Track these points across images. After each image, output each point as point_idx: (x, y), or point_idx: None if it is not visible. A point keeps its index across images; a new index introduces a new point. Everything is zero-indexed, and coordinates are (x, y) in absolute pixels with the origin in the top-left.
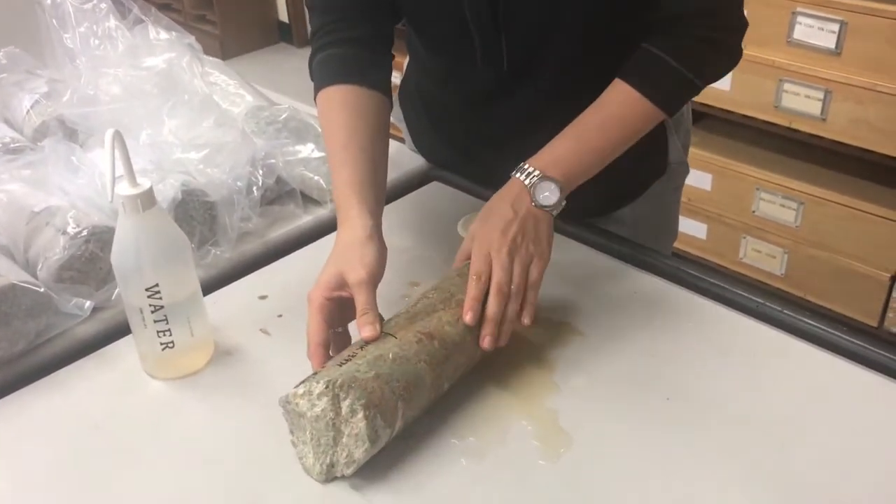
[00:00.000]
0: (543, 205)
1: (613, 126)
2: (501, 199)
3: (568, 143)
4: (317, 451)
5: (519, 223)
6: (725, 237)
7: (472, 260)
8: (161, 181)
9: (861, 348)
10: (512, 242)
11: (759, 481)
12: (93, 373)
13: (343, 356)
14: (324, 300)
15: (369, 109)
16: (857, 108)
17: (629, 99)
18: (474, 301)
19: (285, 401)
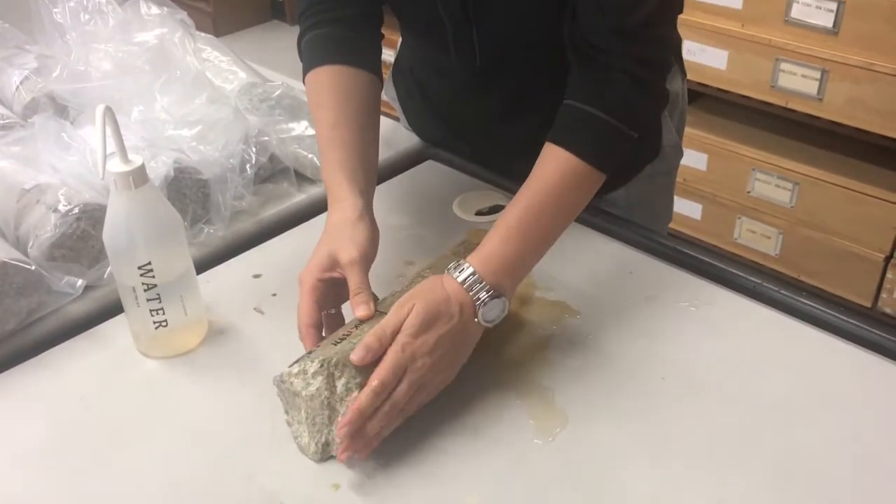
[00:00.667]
0: (485, 323)
1: (551, 204)
2: (450, 298)
3: (508, 238)
4: (312, 430)
5: (450, 340)
6: (720, 217)
7: (385, 366)
8: (153, 158)
9: (856, 328)
10: (433, 365)
11: (755, 460)
12: (85, 352)
13: (337, 335)
14: (315, 281)
15: (358, 89)
16: (854, 87)
17: (567, 167)
18: (359, 414)
19: (280, 380)
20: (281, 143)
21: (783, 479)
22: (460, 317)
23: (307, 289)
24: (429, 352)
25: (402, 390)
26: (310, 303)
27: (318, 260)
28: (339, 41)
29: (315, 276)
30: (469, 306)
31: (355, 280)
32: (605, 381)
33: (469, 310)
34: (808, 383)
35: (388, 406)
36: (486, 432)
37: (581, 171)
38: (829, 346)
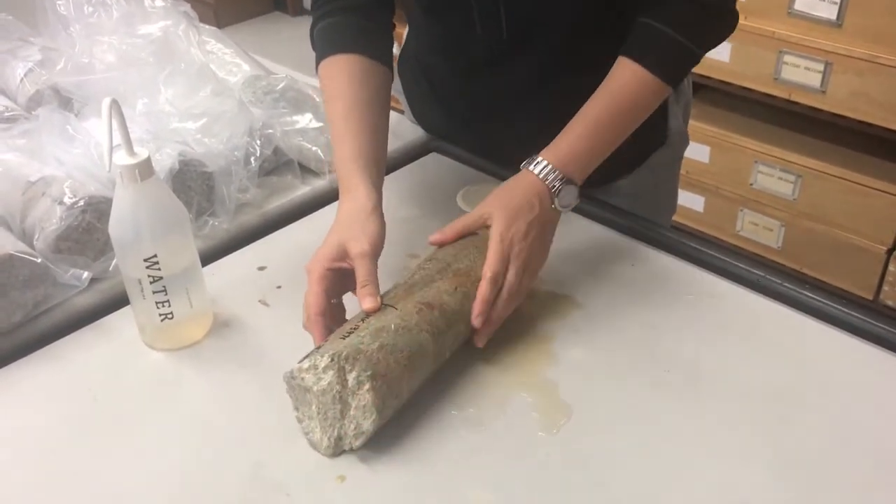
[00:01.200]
0: (562, 208)
1: (625, 109)
2: (525, 193)
3: (584, 135)
4: (324, 424)
5: (539, 226)
6: (723, 210)
7: (492, 258)
8: (158, 151)
9: (860, 321)
10: (530, 247)
11: (758, 452)
12: (91, 344)
13: (345, 329)
14: (324, 270)
15: (371, 79)
16: (857, 80)
17: (637, 77)
18: (486, 304)
19: (290, 376)
20: (285, 136)
21: (787, 469)
22: (540, 205)
23: (316, 277)
24: (524, 237)
25: (511, 275)
26: (318, 291)
27: (327, 249)
28: (353, 30)
29: (324, 266)
30: (546, 194)
31: (364, 272)
32: (608, 373)
33: (546, 197)
34: (813, 376)
35: (506, 293)
36: (490, 425)
37: (652, 85)
38: (832, 339)
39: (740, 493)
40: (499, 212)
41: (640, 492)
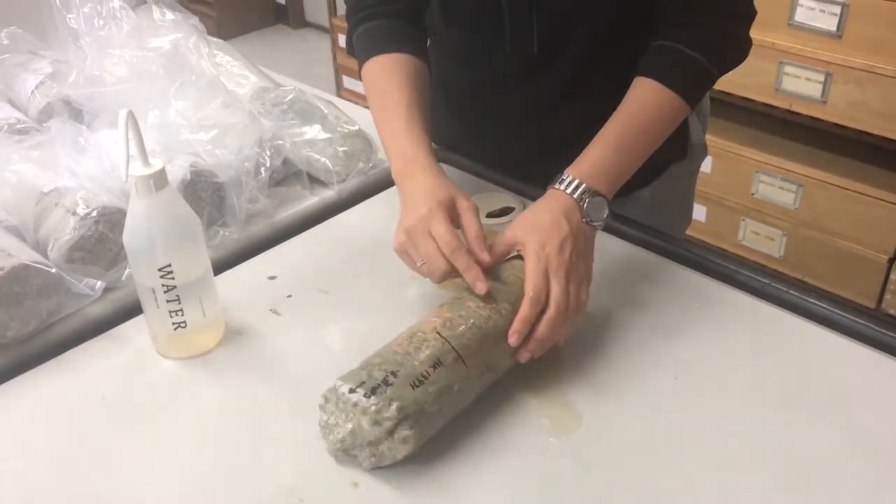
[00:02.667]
0: (594, 222)
1: (647, 128)
2: (552, 211)
3: (608, 151)
4: (345, 435)
5: (573, 240)
6: (725, 219)
7: (532, 278)
8: (169, 162)
9: (865, 327)
10: (569, 261)
11: (767, 458)
12: (104, 352)
13: (416, 373)
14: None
15: (419, 74)
16: (857, 90)
17: (658, 96)
18: (525, 324)
19: (351, 402)
20: (294, 147)
21: (794, 476)
22: (569, 222)
23: (443, 218)
24: (559, 251)
25: (556, 290)
26: (451, 227)
27: (443, 200)
28: (396, 31)
29: (446, 212)
30: (574, 209)
31: (476, 225)
32: (618, 380)
33: (575, 212)
34: (819, 383)
35: (553, 310)
36: (501, 432)
37: (673, 103)
38: (838, 346)
39: (749, 499)
40: (528, 234)
41: (651, 498)
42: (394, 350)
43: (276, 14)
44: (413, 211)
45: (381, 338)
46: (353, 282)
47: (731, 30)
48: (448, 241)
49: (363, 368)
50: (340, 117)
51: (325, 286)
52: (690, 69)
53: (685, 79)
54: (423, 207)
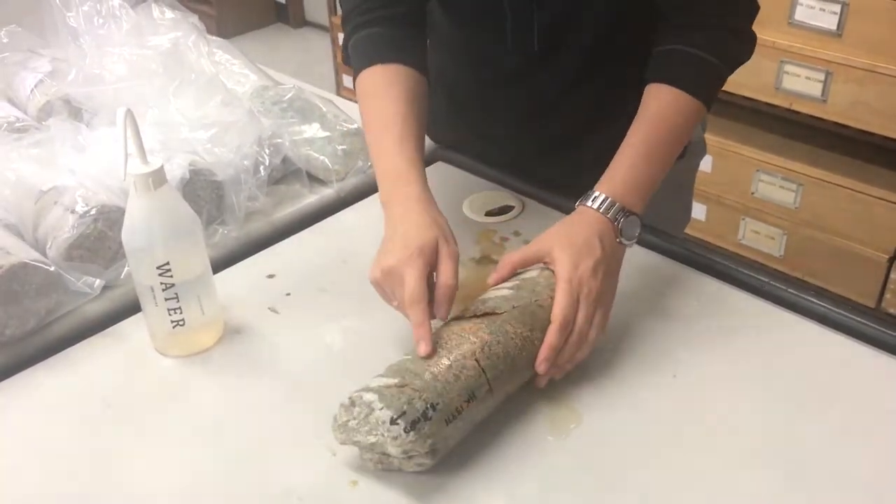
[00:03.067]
0: (627, 242)
1: (669, 133)
2: (586, 230)
3: (637, 163)
4: (363, 442)
5: (606, 263)
6: (725, 219)
7: (560, 302)
8: (168, 160)
9: (864, 326)
10: (599, 287)
11: (765, 455)
12: (103, 351)
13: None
14: (427, 266)
15: (415, 87)
16: (858, 89)
17: (675, 101)
18: (554, 351)
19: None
20: (293, 145)
21: (793, 473)
22: (603, 244)
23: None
24: (592, 275)
25: (582, 316)
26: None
27: (428, 244)
28: (391, 40)
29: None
30: (608, 230)
31: (449, 276)
32: (617, 378)
33: (609, 233)
34: (819, 381)
35: (576, 336)
36: (500, 430)
37: (691, 106)
38: (836, 344)
39: (747, 497)
40: (562, 252)
41: (649, 498)
42: (434, 374)
43: (276, 13)
44: (394, 250)
45: (379, 337)
46: (353, 280)
47: (737, 27)
48: (412, 291)
49: (402, 390)
50: (339, 115)
51: (324, 285)
52: (704, 70)
53: (700, 80)
54: (405, 251)
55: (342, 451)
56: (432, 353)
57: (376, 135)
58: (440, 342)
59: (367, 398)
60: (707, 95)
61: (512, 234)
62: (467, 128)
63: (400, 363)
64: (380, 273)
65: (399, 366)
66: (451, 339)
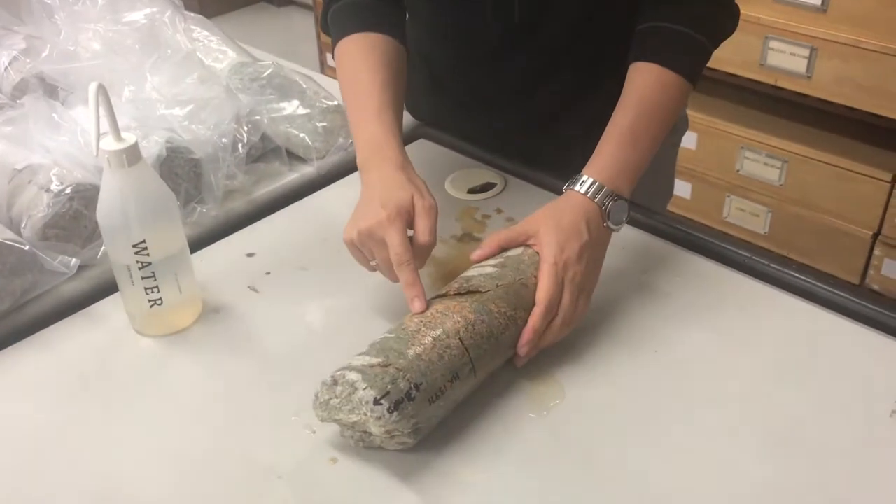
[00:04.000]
0: (614, 227)
1: (657, 113)
2: (573, 214)
3: (624, 145)
4: (344, 420)
5: (591, 247)
6: (710, 196)
7: (545, 285)
8: (145, 138)
9: (847, 301)
10: (584, 272)
11: (747, 430)
12: (80, 331)
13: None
14: (405, 219)
15: (394, 57)
16: (843, 65)
17: (661, 79)
18: (535, 334)
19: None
20: (272, 123)
21: (774, 447)
22: (590, 228)
23: (399, 226)
24: (577, 260)
25: (567, 300)
26: (405, 237)
27: (402, 202)
28: (370, 10)
29: (404, 217)
30: (595, 214)
31: (425, 231)
32: (598, 354)
33: (596, 218)
34: (800, 355)
35: (559, 320)
36: (481, 406)
37: (678, 84)
38: (821, 319)
39: (729, 470)
40: (549, 234)
41: (630, 470)
42: (418, 353)
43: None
44: (371, 210)
45: (360, 315)
46: (333, 259)
47: (727, 2)
48: (399, 253)
49: (386, 370)
50: (319, 92)
51: (304, 263)
52: (688, 47)
53: (686, 58)
54: (383, 210)
55: (322, 430)
56: (426, 310)
57: (355, 102)
58: (423, 320)
59: (350, 377)
60: (691, 72)
61: (494, 212)
62: (448, 104)
63: (383, 341)
64: (356, 234)
65: (382, 344)
66: (436, 317)
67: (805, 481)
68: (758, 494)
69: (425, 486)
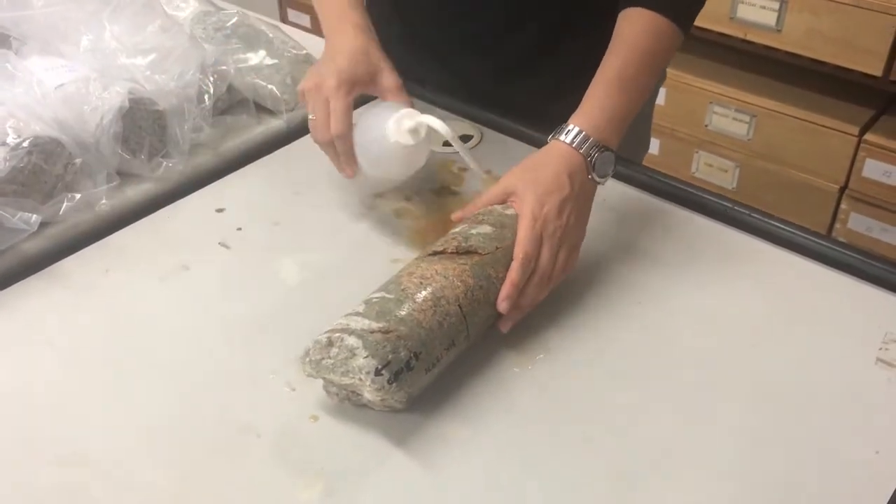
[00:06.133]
0: (600, 179)
1: (646, 60)
2: (556, 166)
3: (612, 93)
4: (336, 382)
5: (574, 201)
6: (678, 152)
7: (523, 238)
8: (105, 89)
9: (828, 249)
10: (565, 225)
11: (731, 382)
12: (44, 290)
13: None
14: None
15: None
16: (813, 18)
17: (651, 25)
18: (515, 288)
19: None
20: (238, 74)
21: (759, 398)
22: (572, 181)
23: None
24: (557, 215)
25: (545, 256)
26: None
27: (358, 73)
28: None
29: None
30: (580, 166)
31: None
32: (581, 307)
33: (580, 170)
34: (782, 304)
35: (538, 276)
36: (465, 361)
37: (668, 31)
38: (801, 267)
39: (714, 422)
40: (527, 188)
41: (614, 425)
42: (418, 320)
43: None
44: (330, 70)
45: (336, 269)
46: (306, 213)
47: None
48: (337, 124)
49: (387, 336)
50: (287, 42)
51: (276, 218)
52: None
53: (675, 3)
54: (334, 77)
55: (301, 387)
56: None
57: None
58: (423, 281)
59: (349, 343)
60: (682, 17)
61: None
62: (422, 56)
63: (382, 302)
64: (312, 85)
65: (381, 306)
66: (436, 279)
67: (792, 432)
68: (742, 447)
69: (409, 442)
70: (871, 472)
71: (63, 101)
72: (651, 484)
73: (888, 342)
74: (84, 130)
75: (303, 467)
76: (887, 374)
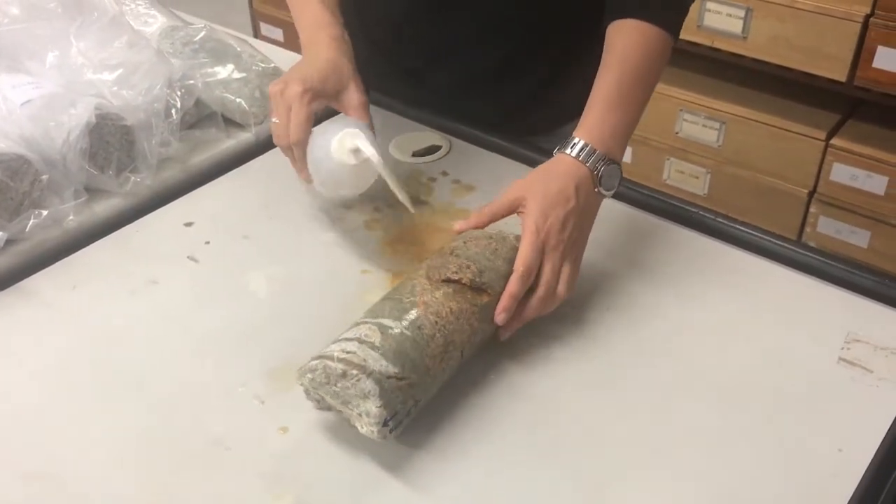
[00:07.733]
0: (606, 192)
1: (642, 71)
2: (563, 179)
3: (614, 106)
4: (334, 397)
5: (578, 214)
6: (649, 159)
7: (525, 250)
8: (72, 105)
9: (792, 252)
10: (568, 239)
11: (700, 382)
12: (11, 308)
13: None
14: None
15: None
16: (778, 25)
17: (642, 35)
18: (513, 300)
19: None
20: (206, 88)
21: (726, 397)
22: (578, 194)
23: (307, 109)
24: (561, 229)
25: (548, 268)
26: (307, 122)
27: (325, 85)
28: None
29: (315, 100)
30: (587, 179)
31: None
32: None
33: (587, 183)
34: (748, 307)
35: (542, 289)
36: None
37: (659, 39)
38: (767, 271)
39: (683, 420)
40: (534, 200)
41: (585, 425)
42: (428, 367)
43: None
44: (297, 77)
45: (305, 283)
46: (275, 227)
47: None
48: (295, 132)
49: (400, 386)
50: (255, 55)
51: (245, 231)
52: (670, 2)
53: (663, 11)
54: (300, 85)
55: (270, 399)
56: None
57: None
58: (439, 321)
59: (365, 386)
60: (672, 25)
61: (440, 174)
62: (389, 67)
63: (401, 339)
64: (278, 89)
65: (399, 344)
66: (449, 319)
67: (757, 431)
68: (711, 444)
69: (379, 450)
70: (834, 470)
71: (29, 117)
72: (617, 485)
73: (850, 342)
74: (51, 147)
75: (272, 479)
76: (850, 373)
